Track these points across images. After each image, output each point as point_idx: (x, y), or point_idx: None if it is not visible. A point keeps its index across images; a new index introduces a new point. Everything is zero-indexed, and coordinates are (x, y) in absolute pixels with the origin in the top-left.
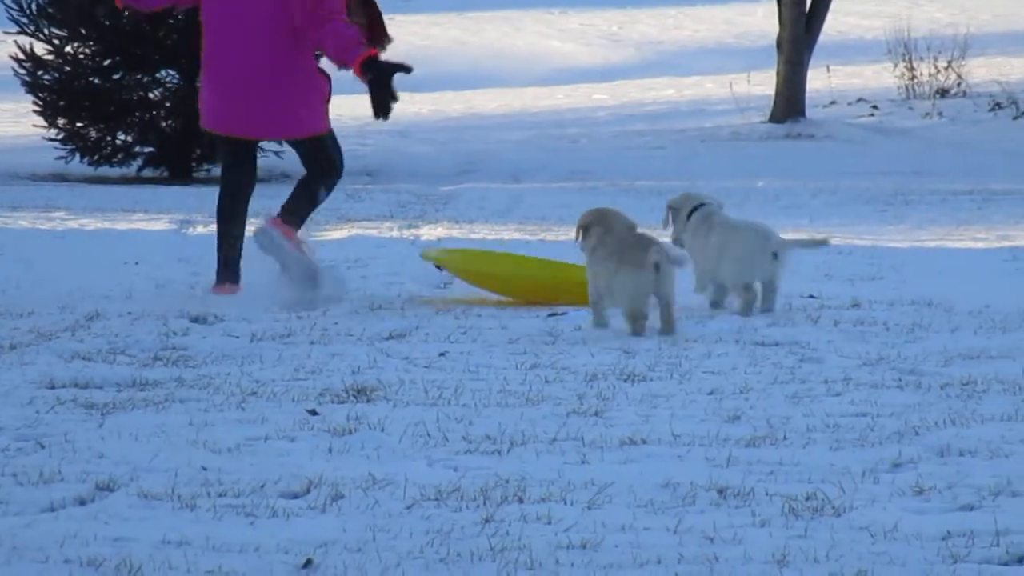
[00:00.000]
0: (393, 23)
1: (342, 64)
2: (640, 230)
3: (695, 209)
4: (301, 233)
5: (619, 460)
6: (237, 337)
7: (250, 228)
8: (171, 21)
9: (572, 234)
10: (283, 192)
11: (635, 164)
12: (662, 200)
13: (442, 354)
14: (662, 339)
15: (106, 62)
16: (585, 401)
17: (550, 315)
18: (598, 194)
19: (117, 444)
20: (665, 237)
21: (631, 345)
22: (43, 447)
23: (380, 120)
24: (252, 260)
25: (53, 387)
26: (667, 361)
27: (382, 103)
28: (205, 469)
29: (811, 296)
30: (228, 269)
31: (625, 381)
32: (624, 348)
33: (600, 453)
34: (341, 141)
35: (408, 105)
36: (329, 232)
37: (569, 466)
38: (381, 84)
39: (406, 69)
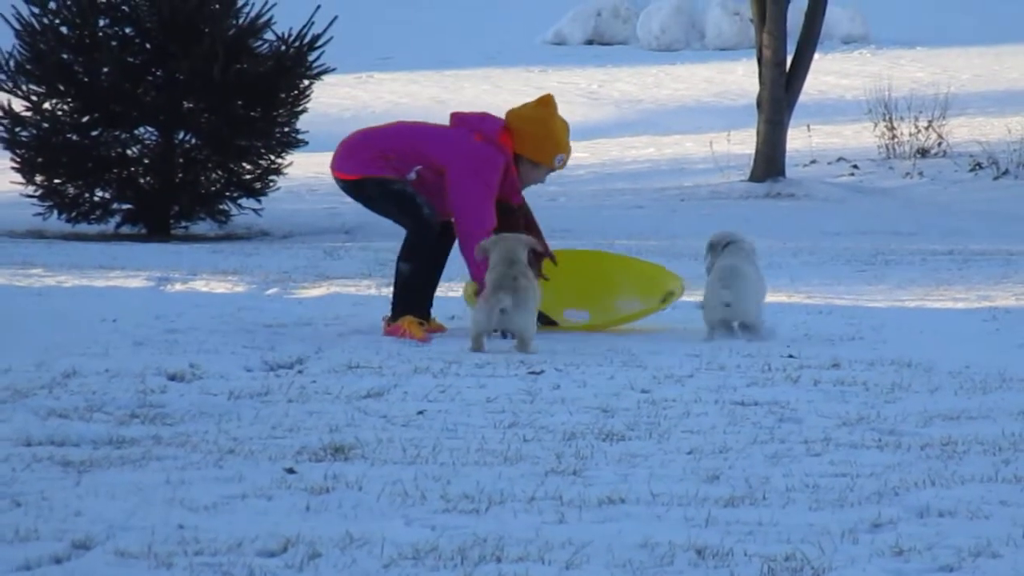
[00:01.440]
0: (372, 81)
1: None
2: (515, 262)
3: (728, 244)
4: None
5: (597, 520)
6: (215, 395)
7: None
8: (149, 78)
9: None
10: (261, 249)
11: (614, 222)
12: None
13: (420, 412)
14: (641, 398)
15: (84, 119)
16: (563, 460)
17: (529, 372)
18: None
19: (94, 502)
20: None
21: (610, 404)
22: (19, 505)
23: None
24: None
25: (29, 444)
26: (646, 420)
27: None
28: (182, 527)
29: (791, 356)
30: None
31: (604, 440)
32: (603, 407)
33: (578, 513)
34: (318, 198)
35: None
36: (306, 290)
37: (547, 525)
38: None
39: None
